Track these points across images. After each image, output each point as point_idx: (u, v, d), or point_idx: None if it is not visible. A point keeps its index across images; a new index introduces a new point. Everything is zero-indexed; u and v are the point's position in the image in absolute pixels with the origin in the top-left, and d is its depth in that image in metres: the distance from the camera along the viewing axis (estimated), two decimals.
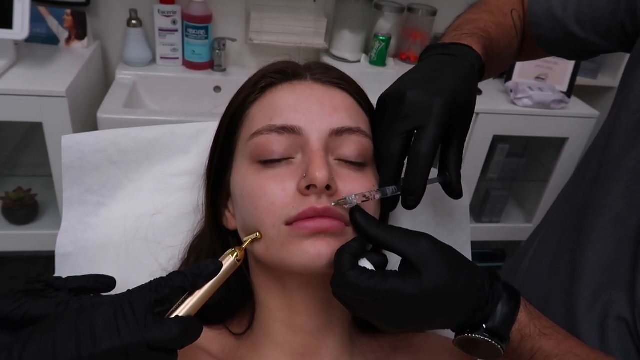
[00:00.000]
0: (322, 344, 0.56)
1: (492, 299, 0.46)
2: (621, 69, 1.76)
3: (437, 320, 0.47)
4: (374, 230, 0.47)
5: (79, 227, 0.63)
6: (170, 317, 0.41)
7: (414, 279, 0.44)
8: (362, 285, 0.44)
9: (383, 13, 1.58)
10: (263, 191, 0.50)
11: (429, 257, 0.45)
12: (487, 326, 0.46)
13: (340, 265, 0.45)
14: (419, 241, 0.46)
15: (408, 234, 0.47)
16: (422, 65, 0.58)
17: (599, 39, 0.69)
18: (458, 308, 0.46)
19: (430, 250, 0.45)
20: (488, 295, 0.46)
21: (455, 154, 0.54)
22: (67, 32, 1.39)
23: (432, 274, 0.44)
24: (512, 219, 1.79)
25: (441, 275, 0.44)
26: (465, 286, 0.45)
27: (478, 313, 0.46)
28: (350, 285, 0.44)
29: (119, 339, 0.36)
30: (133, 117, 1.23)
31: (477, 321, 0.46)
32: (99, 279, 0.45)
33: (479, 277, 0.47)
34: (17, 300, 0.40)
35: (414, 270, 0.44)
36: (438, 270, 0.44)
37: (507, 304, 0.47)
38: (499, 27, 0.68)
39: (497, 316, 0.46)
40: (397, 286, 0.44)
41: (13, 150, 1.49)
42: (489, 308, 0.46)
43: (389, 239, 0.46)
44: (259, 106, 0.55)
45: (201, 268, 0.44)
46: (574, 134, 1.56)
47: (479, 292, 0.46)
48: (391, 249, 0.47)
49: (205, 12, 1.45)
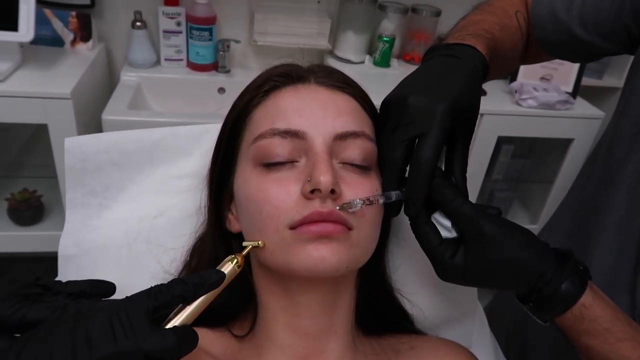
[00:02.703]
0: (325, 347, 0.55)
1: (554, 272, 0.48)
2: (627, 69, 1.75)
3: (504, 282, 0.50)
4: (456, 202, 0.49)
5: (82, 229, 0.63)
6: (168, 327, 0.41)
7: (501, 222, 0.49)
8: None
9: (387, 14, 1.58)
10: (267, 195, 0.50)
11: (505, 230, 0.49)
12: (542, 294, 0.48)
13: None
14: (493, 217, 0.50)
15: (485, 211, 0.50)
16: (425, 67, 0.57)
17: (603, 42, 0.68)
18: (521, 275, 0.48)
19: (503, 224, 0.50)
20: (551, 270, 0.48)
21: (461, 157, 0.53)
22: (72, 34, 1.40)
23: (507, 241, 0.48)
24: (516, 220, 1.74)
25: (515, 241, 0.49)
26: (532, 256, 0.49)
27: (539, 283, 0.48)
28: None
29: (115, 347, 0.36)
30: (137, 118, 1.24)
31: (537, 290, 0.48)
32: (98, 283, 0.45)
33: (549, 254, 0.50)
34: (14, 304, 0.39)
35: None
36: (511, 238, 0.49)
37: (572, 283, 0.48)
38: (504, 28, 0.67)
39: (555, 288, 0.48)
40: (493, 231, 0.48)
41: (19, 152, 1.50)
42: (547, 279, 0.48)
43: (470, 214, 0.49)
44: (262, 109, 0.55)
45: (204, 277, 0.43)
46: (580, 134, 1.55)
47: (543, 267, 0.48)
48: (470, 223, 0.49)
49: (210, 13, 1.45)
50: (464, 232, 0.49)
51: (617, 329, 0.47)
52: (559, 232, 0.74)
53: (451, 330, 0.71)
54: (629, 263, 0.60)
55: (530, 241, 0.50)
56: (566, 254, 0.50)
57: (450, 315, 0.71)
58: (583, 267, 0.50)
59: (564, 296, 0.47)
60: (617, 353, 0.47)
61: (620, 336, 0.47)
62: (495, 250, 0.48)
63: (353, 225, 0.49)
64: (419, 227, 0.51)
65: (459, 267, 0.49)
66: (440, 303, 0.69)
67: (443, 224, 0.51)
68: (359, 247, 0.50)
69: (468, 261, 0.49)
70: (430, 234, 0.51)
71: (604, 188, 0.64)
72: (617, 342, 0.47)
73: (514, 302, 0.52)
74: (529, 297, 0.49)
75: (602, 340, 0.47)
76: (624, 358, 0.46)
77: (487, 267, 0.49)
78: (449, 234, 0.50)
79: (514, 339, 0.84)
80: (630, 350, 0.46)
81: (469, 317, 0.73)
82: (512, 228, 0.50)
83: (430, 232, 0.51)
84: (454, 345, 0.62)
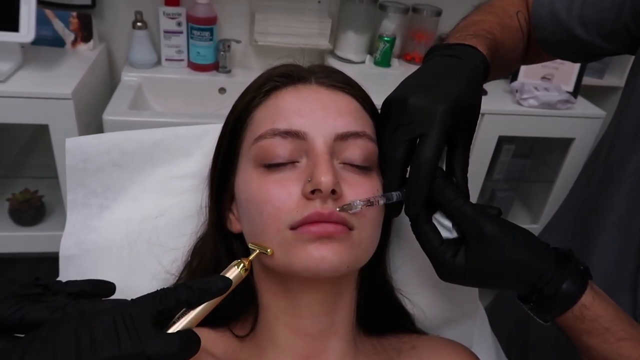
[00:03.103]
0: (326, 347, 0.55)
1: (555, 272, 0.48)
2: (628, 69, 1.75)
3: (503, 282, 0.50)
4: (457, 202, 0.49)
5: (83, 230, 0.63)
6: (172, 331, 0.41)
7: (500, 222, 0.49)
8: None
9: (387, 14, 1.58)
10: (268, 196, 0.50)
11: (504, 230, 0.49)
12: (543, 294, 0.48)
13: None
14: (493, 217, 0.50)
15: (486, 211, 0.50)
16: (425, 67, 0.57)
17: (603, 42, 0.68)
18: (521, 274, 0.48)
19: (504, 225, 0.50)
20: (551, 270, 0.48)
21: (462, 157, 0.53)
22: (73, 35, 1.40)
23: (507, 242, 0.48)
24: (517, 220, 1.78)
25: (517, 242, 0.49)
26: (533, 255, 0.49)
27: (539, 283, 0.48)
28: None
29: (119, 349, 0.35)
30: (138, 118, 1.24)
31: (538, 290, 0.48)
32: (98, 283, 0.45)
33: (549, 253, 0.50)
34: (14, 304, 0.39)
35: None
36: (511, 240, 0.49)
37: (573, 283, 0.48)
38: (505, 28, 0.67)
39: (556, 288, 0.48)
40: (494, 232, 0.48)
41: (20, 152, 1.50)
42: (547, 279, 0.48)
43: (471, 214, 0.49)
44: (263, 110, 0.55)
45: (209, 284, 0.43)
46: (581, 134, 1.55)
47: (543, 266, 0.48)
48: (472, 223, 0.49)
49: (210, 13, 1.45)
50: (465, 232, 0.49)
51: (618, 328, 0.47)
52: (560, 232, 0.74)
53: (452, 330, 0.71)
54: (631, 263, 0.60)
55: (531, 241, 0.50)
56: (567, 254, 0.50)
57: (451, 315, 0.71)
58: (584, 266, 0.50)
59: (564, 296, 0.47)
60: (617, 352, 0.47)
61: (621, 335, 0.47)
62: (496, 251, 0.48)
63: (354, 225, 0.49)
64: (420, 228, 0.51)
65: (460, 268, 0.49)
66: (441, 303, 0.69)
67: (444, 224, 0.51)
68: (360, 247, 0.50)
69: (469, 261, 0.49)
70: (431, 234, 0.51)
71: (605, 188, 0.64)
72: (617, 341, 0.47)
73: (515, 302, 0.52)
74: (530, 297, 0.49)
75: (602, 340, 0.47)
76: (623, 357, 0.46)
77: (488, 267, 0.49)
78: (450, 234, 0.50)
79: (515, 338, 0.84)
80: (631, 349, 0.46)
81: (470, 317, 0.73)
82: (512, 228, 0.50)
83: (431, 233, 0.51)
84: (455, 345, 0.62)
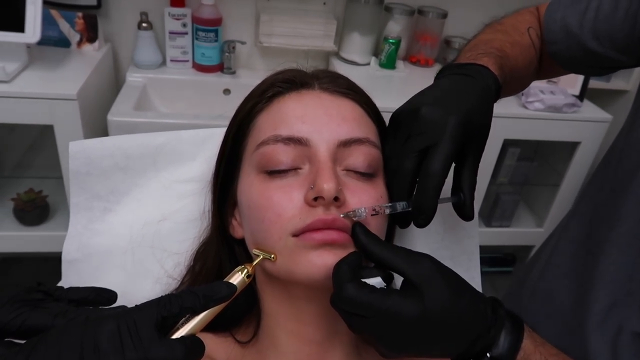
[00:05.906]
0: (328, 354, 0.55)
1: (495, 326, 0.45)
2: (634, 72, 1.74)
3: (437, 345, 0.44)
4: (374, 246, 0.46)
5: (86, 233, 0.63)
6: (176, 337, 0.41)
7: (415, 298, 0.42)
8: (359, 299, 0.43)
9: (393, 15, 1.57)
10: (270, 202, 0.49)
11: (430, 278, 0.43)
12: (491, 355, 0.44)
13: (340, 277, 0.44)
14: (420, 262, 0.45)
15: (409, 253, 0.46)
16: (436, 84, 0.57)
17: (618, 54, 0.66)
18: (460, 333, 0.44)
19: (432, 272, 0.44)
20: (491, 321, 0.45)
21: (470, 174, 0.52)
22: (79, 35, 1.40)
23: (433, 295, 0.43)
24: (522, 224, 1.77)
25: (443, 297, 0.43)
26: (467, 311, 0.44)
27: (481, 341, 0.44)
28: (348, 299, 0.43)
29: (123, 356, 0.35)
30: (143, 119, 1.24)
31: (480, 350, 0.44)
32: (100, 292, 0.45)
33: (481, 302, 0.45)
34: (15, 310, 0.39)
35: (416, 291, 0.43)
36: (440, 292, 0.43)
37: (510, 332, 0.45)
38: (515, 45, 0.66)
39: (501, 344, 0.44)
40: (397, 304, 0.42)
41: (25, 153, 1.51)
42: (492, 335, 0.44)
43: (388, 257, 0.45)
44: (265, 115, 0.55)
45: (214, 290, 0.42)
46: (586, 138, 1.54)
47: (482, 318, 0.44)
48: (391, 268, 0.45)
49: (215, 15, 1.45)
50: None
51: None
52: (568, 241, 0.73)
53: None
54: None
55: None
56: (494, 304, 0.47)
57: None
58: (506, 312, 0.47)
59: (508, 350, 0.44)
60: None
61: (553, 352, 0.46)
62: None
63: None
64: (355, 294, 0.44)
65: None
66: None
67: (374, 281, 0.46)
68: None
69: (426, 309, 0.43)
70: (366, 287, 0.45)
71: (615, 197, 0.63)
72: None
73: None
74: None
75: None
76: None
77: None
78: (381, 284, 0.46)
79: None
80: None
81: None
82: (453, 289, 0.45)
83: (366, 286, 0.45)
84: None
